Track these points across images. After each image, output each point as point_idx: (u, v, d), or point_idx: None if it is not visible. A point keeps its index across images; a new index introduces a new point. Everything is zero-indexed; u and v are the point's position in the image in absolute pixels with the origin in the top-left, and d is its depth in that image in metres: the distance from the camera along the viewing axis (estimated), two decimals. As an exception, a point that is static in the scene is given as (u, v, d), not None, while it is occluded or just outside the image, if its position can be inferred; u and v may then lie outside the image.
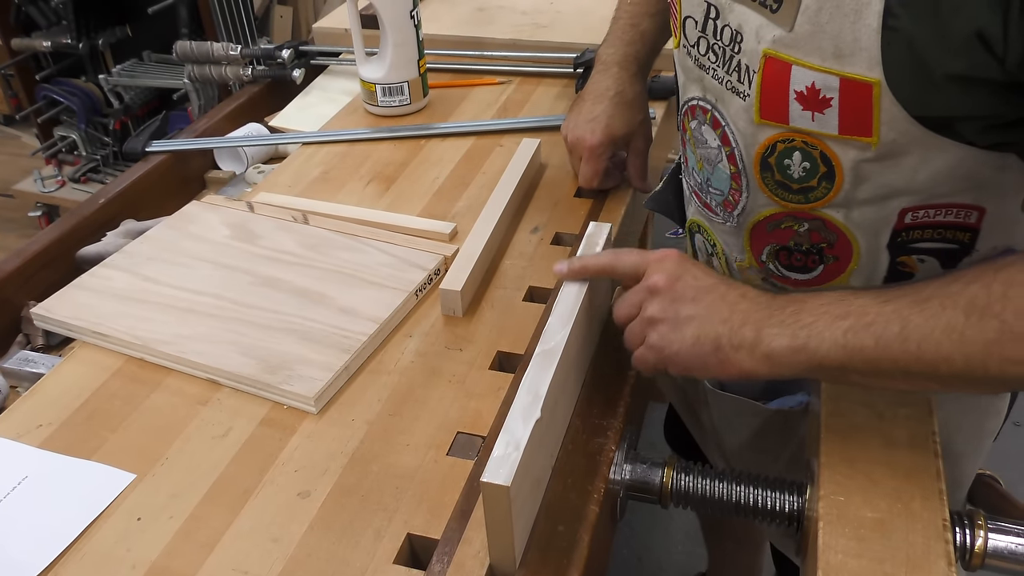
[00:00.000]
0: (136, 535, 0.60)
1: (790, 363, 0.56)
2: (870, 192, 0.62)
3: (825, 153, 0.61)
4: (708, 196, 0.74)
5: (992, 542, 0.57)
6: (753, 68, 0.61)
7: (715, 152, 0.70)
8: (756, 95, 0.62)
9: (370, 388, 0.71)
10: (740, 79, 0.63)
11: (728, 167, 0.69)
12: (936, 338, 0.51)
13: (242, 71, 1.24)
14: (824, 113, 0.58)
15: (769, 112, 0.62)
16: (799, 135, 0.61)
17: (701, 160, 0.73)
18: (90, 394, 0.71)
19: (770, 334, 0.56)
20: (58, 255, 0.90)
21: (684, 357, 0.59)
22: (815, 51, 0.57)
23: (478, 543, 0.56)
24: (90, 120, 2.40)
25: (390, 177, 1.00)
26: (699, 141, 0.72)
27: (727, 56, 0.64)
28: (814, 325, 0.55)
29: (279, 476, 0.63)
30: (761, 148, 0.64)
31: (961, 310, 0.51)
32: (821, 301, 0.56)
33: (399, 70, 1.10)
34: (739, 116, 0.65)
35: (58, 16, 2.31)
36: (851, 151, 0.60)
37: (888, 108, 0.56)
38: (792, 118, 0.60)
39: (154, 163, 1.05)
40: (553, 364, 0.58)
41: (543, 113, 1.11)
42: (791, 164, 0.63)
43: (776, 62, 0.59)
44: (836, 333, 0.54)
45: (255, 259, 0.84)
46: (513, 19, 1.34)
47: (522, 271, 0.83)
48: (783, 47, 0.58)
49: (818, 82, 0.57)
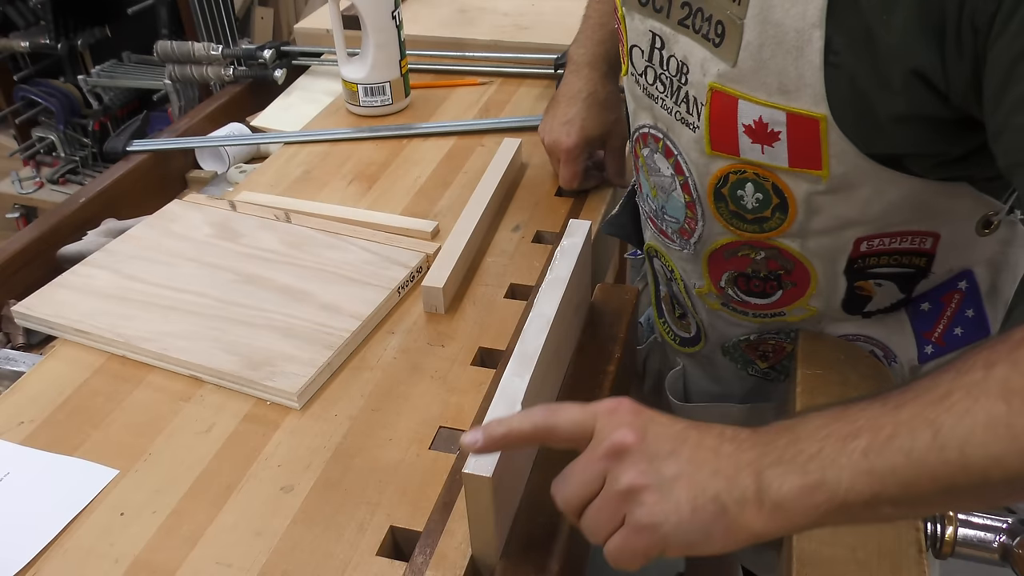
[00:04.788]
0: (119, 530, 0.60)
1: (807, 508, 0.43)
2: (824, 223, 0.61)
3: (777, 185, 0.61)
4: (664, 223, 0.73)
5: (962, 531, 0.58)
6: (701, 100, 0.60)
7: (669, 180, 0.69)
8: (705, 127, 0.61)
9: (353, 384, 0.71)
10: (689, 110, 0.62)
11: (683, 196, 0.68)
12: (980, 439, 0.40)
13: (223, 71, 1.24)
14: (773, 146, 0.58)
15: (719, 144, 0.61)
16: (750, 167, 0.61)
17: (655, 188, 0.72)
18: (72, 391, 0.71)
19: (772, 476, 0.44)
20: (38, 254, 0.90)
21: (685, 531, 0.45)
22: (760, 86, 0.56)
23: (460, 535, 0.57)
24: (69, 121, 2.38)
25: (372, 176, 1.00)
26: (652, 169, 0.71)
27: (675, 87, 0.63)
28: (822, 454, 0.43)
29: (262, 471, 0.64)
30: (714, 179, 0.64)
31: (997, 398, 0.40)
32: (817, 423, 0.44)
33: (381, 70, 1.10)
34: (691, 147, 0.64)
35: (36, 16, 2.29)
36: (803, 183, 0.59)
37: (836, 142, 0.56)
38: (742, 150, 0.60)
39: (135, 162, 1.05)
40: (534, 358, 0.59)
41: (524, 113, 1.12)
42: (744, 195, 0.63)
43: (723, 96, 0.58)
44: (854, 458, 0.42)
45: (237, 257, 0.84)
46: (494, 20, 1.34)
47: (503, 268, 0.84)
48: (728, 81, 0.58)
49: (765, 116, 0.57)
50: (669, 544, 0.46)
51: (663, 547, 0.46)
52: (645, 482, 0.46)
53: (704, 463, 0.46)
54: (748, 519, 0.44)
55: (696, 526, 0.45)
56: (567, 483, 0.49)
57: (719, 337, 0.77)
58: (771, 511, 0.44)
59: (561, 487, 0.49)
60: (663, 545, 0.46)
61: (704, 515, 0.45)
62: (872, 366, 0.67)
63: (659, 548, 0.46)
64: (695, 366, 0.83)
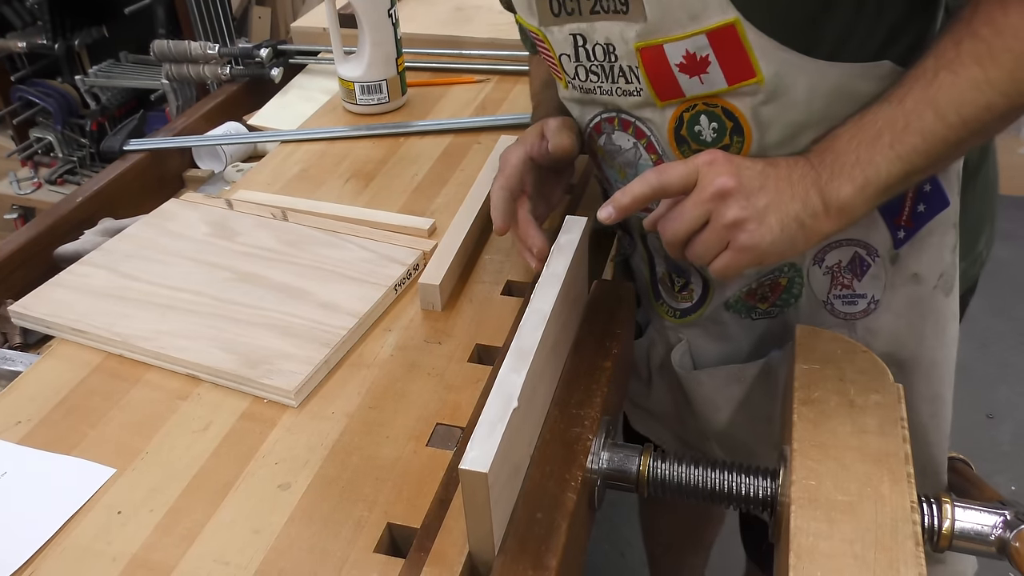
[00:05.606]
0: (117, 528, 0.60)
1: (862, 202, 0.59)
2: (778, 134, 0.65)
3: (726, 108, 0.65)
4: None
5: (959, 524, 0.58)
6: (634, 65, 0.65)
7: (632, 151, 0.73)
8: (648, 85, 0.66)
9: (350, 382, 0.71)
10: (628, 80, 0.67)
11: (649, 157, 0.72)
12: (969, 97, 0.56)
13: (220, 70, 1.24)
14: (708, 72, 0.63)
15: (665, 93, 0.66)
16: (698, 100, 0.65)
17: (621, 168, 0.75)
18: (69, 390, 0.71)
19: (831, 189, 0.59)
20: (35, 254, 0.90)
21: (777, 246, 0.60)
22: (674, 24, 0.61)
23: (457, 531, 0.57)
24: (66, 121, 2.38)
25: (369, 174, 1.00)
26: (613, 152, 0.75)
27: (606, 69, 0.68)
28: (860, 159, 0.58)
29: (260, 469, 0.64)
30: (671, 124, 0.68)
31: (971, 63, 0.55)
32: (847, 137, 0.59)
33: (377, 69, 1.10)
34: (641, 109, 0.69)
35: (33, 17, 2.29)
36: (746, 99, 0.64)
37: (756, 41, 0.60)
38: (685, 89, 0.65)
39: (132, 161, 1.05)
40: (530, 354, 0.59)
41: (521, 111, 1.12)
42: (701, 130, 0.67)
43: (649, 50, 0.64)
44: (884, 152, 0.57)
45: (235, 255, 0.84)
46: (491, 18, 1.34)
47: (500, 265, 0.84)
48: (648, 35, 0.63)
49: (690, 47, 0.62)
50: (766, 257, 0.61)
51: (761, 260, 0.61)
52: (746, 215, 0.59)
53: (784, 191, 0.59)
54: (821, 225, 0.59)
55: (785, 240, 0.60)
56: (677, 221, 0.62)
57: (723, 292, 0.78)
58: (837, 215, 0.59)
59: (670, 224, 0.62)
60: (761, 259, 0.61)
61: (789, 231, 0.59)
62: (868, 360, 0.67)
63: (758, 262, 0.61)
64: (699, 334, 0.83)
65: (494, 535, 0.55)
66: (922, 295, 0.73)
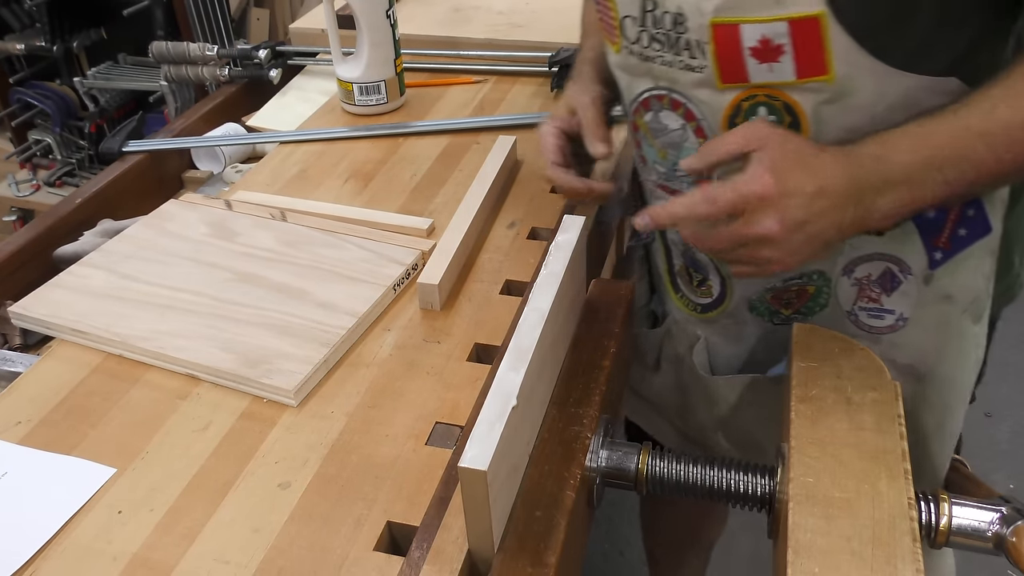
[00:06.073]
0: (117, 528, 0.60)
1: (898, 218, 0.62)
2: (834, 136, 0.64)
3: (787, 103, 0.64)
4: (676, 183, 0.75)
5: (956, 520, 0.59)
6: (703, 40, 0.64)
7: (679, 133, 0.72)
8: (713, 63, 0.65)
9: (349, 381, 0.71)
10: (692, 55, 0.66)
11: (696, 141, 0.71)
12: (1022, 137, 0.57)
13: (219, 72, 1.24)
14: (780, 60, 0.62)
15: (729, 75, 0.65)
16: (761, 90, 0.64)
17: (663, 149, 0.74)
18: (69, 391, 0.71)
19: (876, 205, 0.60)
20: (35, 255, 0.90)
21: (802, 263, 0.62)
22: (757, 4, 0.60)
23: (457, 529, 0.58)
24: (65, 123, 2.38)
25: (367, 175, 1.00)
26: (658, 130, 0.73)
27: (672, 39, 0.67)
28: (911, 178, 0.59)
29: (259, 468, 0.64)
30: (727, 112, 0.67)
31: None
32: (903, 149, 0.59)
33: (376, 69, 1.10)
34: (699, 89, 0.67)
35: (32, 18, 2.29)
36: (810, 96, 0.63)
37: (837, 38, 0.59)
38: (751, 74, 0.63)
39: (131, 163, 1.05)
40: (529, 353, 0.59)
41: (519, 111, 1.13)
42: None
43: (724, 27, 0.62)
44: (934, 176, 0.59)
45: (234, 256, 0.84)
46: (489, 19, 1.35)
47: (499, 265, 0.84)
48: (727, 11, 0.61)
49: (767, 32, 0.61)
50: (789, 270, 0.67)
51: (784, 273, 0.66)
52: (781, 255, 0.61)
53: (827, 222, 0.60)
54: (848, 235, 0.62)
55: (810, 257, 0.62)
56: (712, 241, 0.63)
57: (744, 290, 0.78)
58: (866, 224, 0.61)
59: (704, 241, 0.64)
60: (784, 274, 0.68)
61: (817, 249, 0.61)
62: (865, 357, 0.67)
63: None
64: (717, 332, 0.83)
65: (493, 533, 0.55)
66: (951, 317, 0.73)
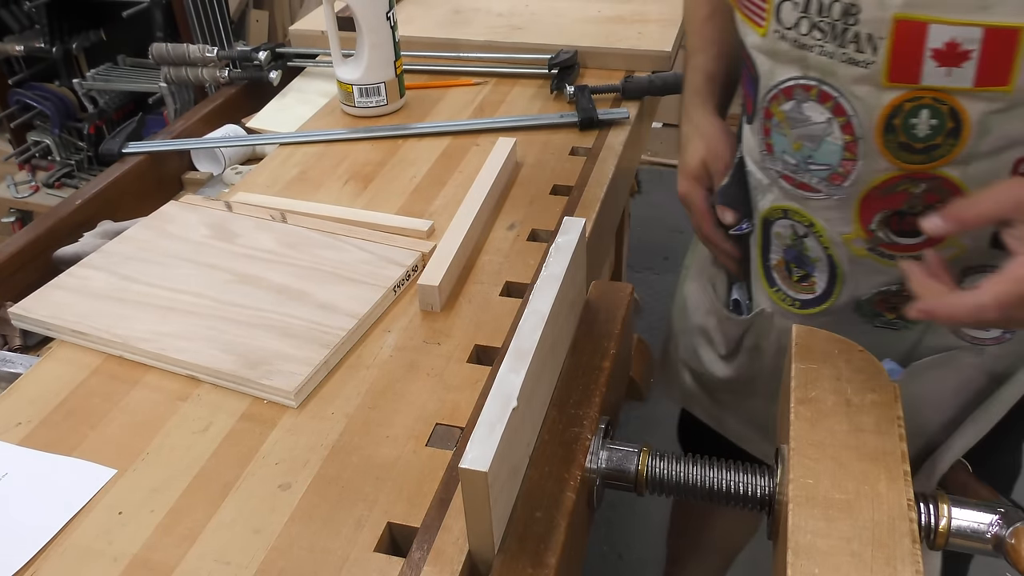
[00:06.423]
0: (117, 529, 0.60)
1: None
2: (991, 144, 0.62)
3: (955, 108, 0.62)
4: (806, 176, 0.73)
5: (955, 521, 0.59)
6: (879, 35, 0.61)
7: (822, 127, 0.69)
8: (885, 60, 0.62)
9: (349, 382, 0.72)
10: (859, 48, 0.63)
11: (841, 137, 0.68)
12: None
13: (219, 73, 1.24)
14: (961, 67, 0.59)
15: (899, 74, 0.62)
16: (929, 92, 0.62)
17: (799, 140, 0.72)
18: (69, 392, 0.71)
19: None
20: (35, 256, 0.90)
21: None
22: (957, 5, 0.57)
23: (457, 530, 0.58)
24: (64, 125, 2.38)
25: (367, 176, 1.00)
26: (797, 121, 0.71)
27: (838, 30, 0.64)
28: None
29: (260, 469, 0.64)
30: (886, 111, 0.64)
31: None
32: None
33: (376, 71, 1.11)
34: (858, 85, 0.65)
35: (31, 20, 2.29)
36: (980, 104, 0.61)
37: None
38: (925, 76, 0.61)
39: (131, 164, 1.05)
40: (529, 355, 0.59)
41: (519, 113, 1.13)
42: (917, 123, 0.64)
43: (909, 24, 0.59)
44: None
45: (234, 257, 0.84)
46: (489, 21, 1.35)
47: (499, 266, 0.85)
48: (918, 8, 0.59)
49: (957, 36, 0.58)
50: None
51: None
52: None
53: None
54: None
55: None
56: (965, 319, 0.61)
57: (855, 289, 0.76)
58: None
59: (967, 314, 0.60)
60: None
61: None
62: (865, 359, 0.67)
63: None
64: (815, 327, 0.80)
65: (494, 534, 0.55)
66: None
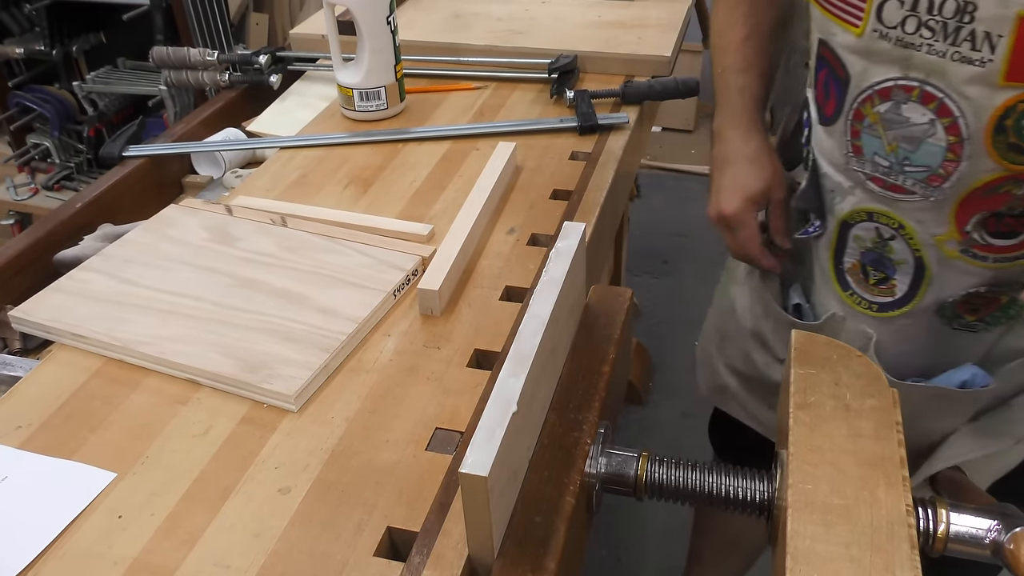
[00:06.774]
0: (117, 532, 0.60)
1: None
2: None
3: None
4: (900, 177, 0.72)
5: (954, 527, 0.59)
6: (999, 32, 0.61)
7: (923, 128, 0.68)
8: (1004, 58, 0.61)
9: (349, 386, 0.72)
10: (975, 47, 0.62)
11: (945, 139, 0.68)
12: None
13: (219, 77, 1.25)
14: None
15: (1018, 73, 0.61)
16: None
17: (894, 142, 0.71)
18: (69, 395, 0.71)
19: None
20: (35, 259, 0.90)
21: None
22: None
23: (457, 535, 0.58)
24: (64, 127, 2.38)
25: (368, 180, 1.01)
26: (895, 122, 0.70)
27: (951, 28, 0.63)
28: None
29: (259, 473, 0.64)
30: (998, 111, 0.63)
31: None
32: None
33: (376, 75, 1.11)
34: (969, 84, 0.64)
35: (31, 22, 2.30)
36: None
37: None
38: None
39: (131, 167, 1.06)
40: (529, 359, 0.59)
41: (519, 117, 1.13)
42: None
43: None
44: None
45: (234, 261, 0.84)
46: (489, 25, 1.35)
47: (499, 271, 0.85)
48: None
49: None
50: None
51: None
52: None
53: None
54: None
55: None
56: None
57: (941, 291, 0.76)
58: None
59: None
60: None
61: None
62: (863, 364, 0.67)
63: None
64: (890, 332, 0.80)
65: (493, 538, 0.55)
66: None
